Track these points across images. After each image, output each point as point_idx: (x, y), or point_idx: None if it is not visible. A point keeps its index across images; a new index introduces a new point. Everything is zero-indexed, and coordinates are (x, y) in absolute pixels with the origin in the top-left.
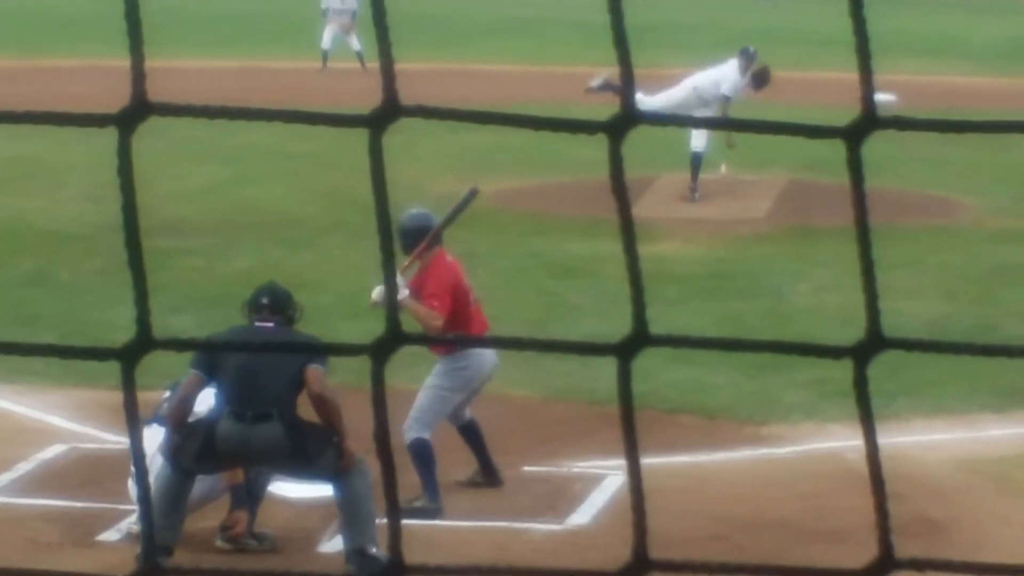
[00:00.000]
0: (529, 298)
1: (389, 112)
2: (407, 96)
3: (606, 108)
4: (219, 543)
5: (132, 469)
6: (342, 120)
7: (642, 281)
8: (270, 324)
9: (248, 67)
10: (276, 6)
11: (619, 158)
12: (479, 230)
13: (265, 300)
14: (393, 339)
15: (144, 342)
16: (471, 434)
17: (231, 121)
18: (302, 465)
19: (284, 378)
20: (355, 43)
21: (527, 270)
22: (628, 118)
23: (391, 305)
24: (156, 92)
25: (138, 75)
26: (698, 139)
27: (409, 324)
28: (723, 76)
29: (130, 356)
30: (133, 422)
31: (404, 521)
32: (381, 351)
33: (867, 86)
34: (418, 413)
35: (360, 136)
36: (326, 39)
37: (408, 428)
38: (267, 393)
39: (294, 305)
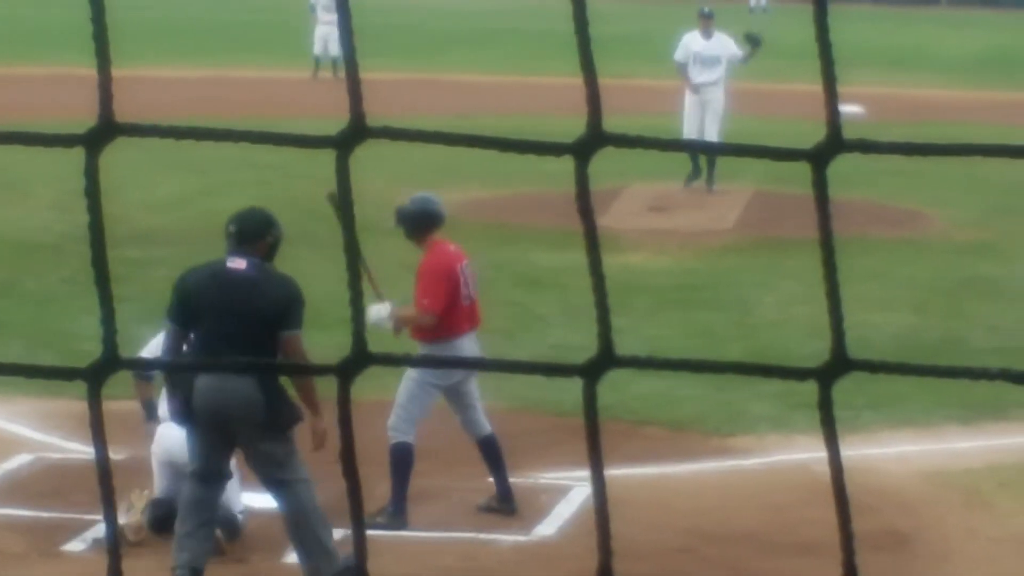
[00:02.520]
0: (496, 308)
1: (356, 133)
2: (375, 107)
3: (573, 125)
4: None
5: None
6: (309, 141)
7: (607, 302)
8: (243, 263)
9: (219, 76)
10: (247, 16)
11: (585, 179)
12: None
13: (232, 228)
14: (360, 359)
15: (110, 361)
16: (490, 451)
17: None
18: (271, 437)
19: (260, 329)
20: (334, 47)
21: (494, 281)
22: (595, 139)
23: (356, 320)
24: (127, 103)
25: (105, 95)
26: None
27: (379, 342)
28: (681, 48)
29: (96, 375)
30: (100, 440)
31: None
32: (348, 371)
33: (832, 108)
34: (402, 411)
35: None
36: (318, 44)
37: (393, 428)
38: (242, 346)
39: (272, 231)
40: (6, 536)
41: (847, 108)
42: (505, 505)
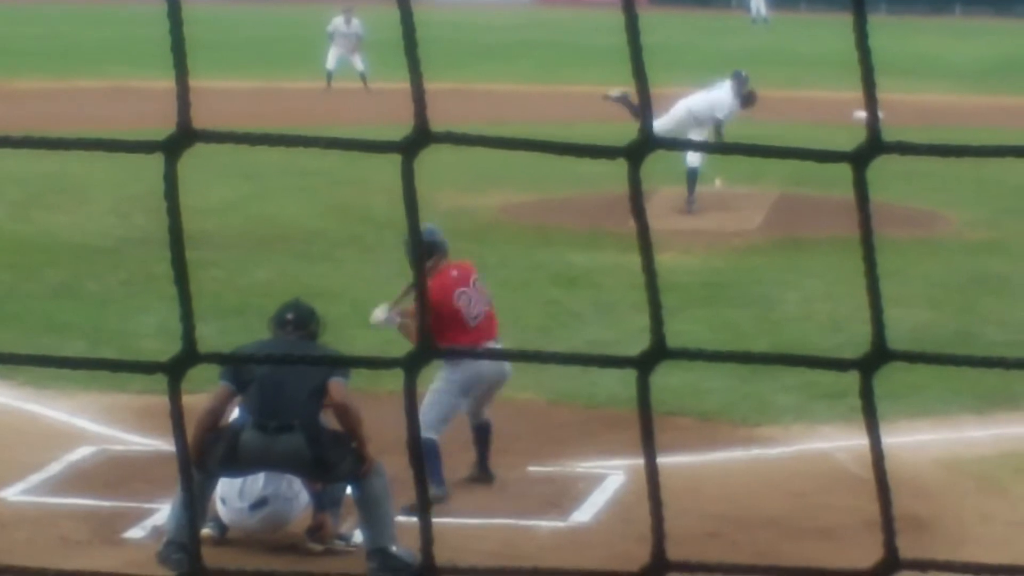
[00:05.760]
0: (534, 307)
1: (420, 139)
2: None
3: (620, 130)
4: (309, 545)
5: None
6: (375, 146)
7: (659, 298)
8: (294, 335)
9: (262, 88)
10: (285, 30)
11: (638, 181)
12: (487, 242)
13: (290, 315)
14: (425, 352)
15: (190, 356)
16: (480, 434)
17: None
18: (322, 471)
19: (306, 389)
20: (359, 63)
21: (532, 280)
22: (646, 143)
23: (420, 316)
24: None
25: (183, 103)
26: (694, 155)
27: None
28: (718, 100)
29: (176, 369)
30: (179, 432)
31: (416, 519)
32: (413, 364)
33: (872, 112)
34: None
35: (371, 154)
36: (331, 60)
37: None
38: (290, 404)
39: (317, 320)
40: (70, 524)
41: (861, 113)
42: (486, 476)
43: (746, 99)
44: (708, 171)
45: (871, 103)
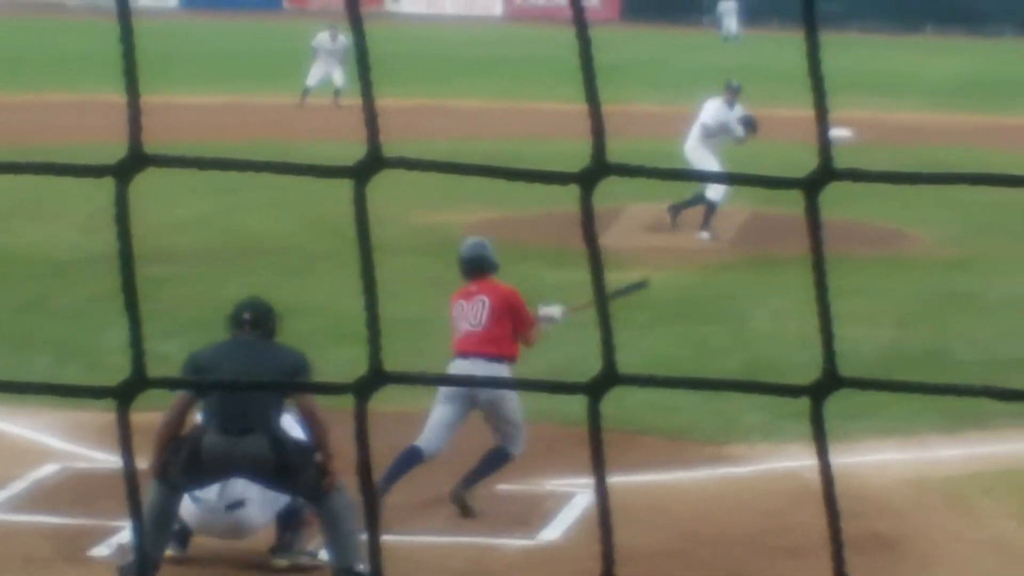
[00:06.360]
0: None
1: (373, 164)
2: (384, 133)
3: (572, 148)
4: (274, 561)
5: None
6: (328, 171)
7: (611, 323)
8: (252, 336)
9: (234, 103)
10: (260, 44)
11: (590, 208)
12: (456, 260)
13: (247, 315)
14: (376, 378)
15: (138, 381)
16: (489, 457)
17: (223, 157)
18: (285, 479)
19: (269, 393)
20: (339, 79)
21: None
22: (599, 169)
23: (372, 342)
24: (149, 128)
25: (135, 127)
26: (715, 188)
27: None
28: (711, 113)
29: (125, 394)
30: (128, 455)
31: (384, 537)
32: (364, 389)
33: (823, 139)
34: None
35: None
36: (312, 77)
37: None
38: (252, 407)
39: (275, 318)
40: (34, 542)
41: (837, 132)
42: (463, 491)
43: (747, 125)
44: (684, 189)
45: (823, 129)
